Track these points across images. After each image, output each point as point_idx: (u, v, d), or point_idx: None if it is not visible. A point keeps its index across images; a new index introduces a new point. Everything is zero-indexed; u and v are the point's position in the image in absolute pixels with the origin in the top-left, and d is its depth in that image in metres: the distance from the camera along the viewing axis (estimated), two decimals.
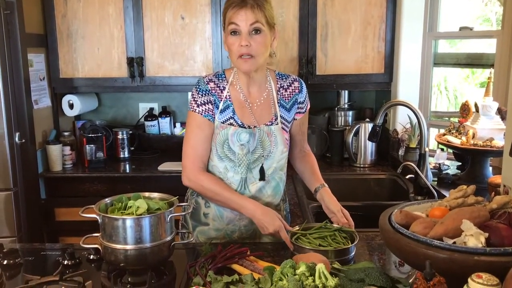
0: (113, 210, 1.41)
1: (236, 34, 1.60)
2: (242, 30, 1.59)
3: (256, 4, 1.58)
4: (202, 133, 1.70)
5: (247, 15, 1.57)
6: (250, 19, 1.58)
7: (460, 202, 1.32)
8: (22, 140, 2.59)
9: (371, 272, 1.23)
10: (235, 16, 1.59)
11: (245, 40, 1.59)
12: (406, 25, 2.92)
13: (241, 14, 1.58)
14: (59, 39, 2.97)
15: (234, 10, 1.59)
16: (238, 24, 1.59)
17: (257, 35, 1.60)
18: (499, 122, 2.21)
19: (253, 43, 1.60)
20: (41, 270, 1.48)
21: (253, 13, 1.58)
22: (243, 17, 1.58)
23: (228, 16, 1.61)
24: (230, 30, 1.61)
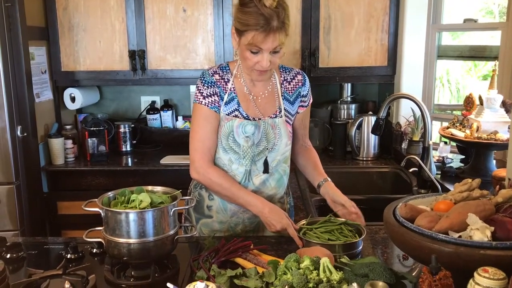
0: (116, 204, 1.40)
1: (256, 53, 1.57)
2: (264, 52, 1.55)
3: (280, 26, 1.52)
4: (209, 125, 1.69)
5: (273, 42, 1.52)
6: (274, 44, 1.54)
7: (465, 195, 1.31)
8: (24, 134, 2.58)
9: (375, 267, 1.23)
10: (260, 43, 1.52)
11: (267, 62, 1.56)
12: (410, 17, 2.89)
13: (268, 41, 1.52)
14: (61, 32, 2.95)
15: (261, 36, 1.51)
16: (261, 48, 1.54)
17: (276, 53, 1.58)
18: (503, 115, 2.19)
19: (272, 60, 1.58)
20: (44, 264, 1.47)
21: (278, 38, 1.52)
22: (269, 44, 1.53)
23: (252, 38, 1.52)
24: (249, 48, 1.56)
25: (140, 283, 1.35)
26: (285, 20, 1.54)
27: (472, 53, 2.96)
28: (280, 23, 1.52)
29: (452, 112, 3.54)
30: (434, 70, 2.99)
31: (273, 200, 1.79)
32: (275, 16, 1.50)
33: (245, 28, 1.54)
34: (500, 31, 2.55)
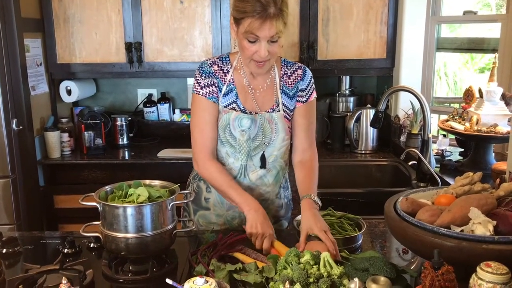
0: (113, 198, 1.39)
1: (254, 42, 1.53)
2: (262, 40, 1.52)
3: (277, 13, 1.48)
4: (209, 116, 1.67)
5: (270, 29, 1.49)
6: (271, 32, 1.50)
7: (466, 189, 1.30)
8: (20, 127, 2.56)
9: (376, 261, 1.22)
10: (256, 29, 1.49)
11: (265, 51, 1.52)
12: (409, 9, 2.87)
13: (264, 28, 1.49)
14: (56, 24, 2.91)
15: (257, 23, 1.48)
16: (258, 36, 1.51)
17: (274, 43, 1.54)
18: (503, 108, 2.18)
19: (270, 50, 1.54)
20: (41, 258, 1.46)
21: (275, 26, 1.49)
22: (266, 31, 1.49)
23: (248, 25, 1.49)
24: (247, 37, 1.52)
25: (138, 278, 1.34)
26: (282, 7, 1.50)
27: (470, 46, 2.94)
28: (278, 10, 1.48)
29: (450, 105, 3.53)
30: (433, 62, 2.97)
31: (270, 196, 1.78)
32: (272, 2, 1.48)
33: (242, 16, 1.51)
34: (500, 23, 2.53)
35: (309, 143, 1.76)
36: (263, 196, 1.76)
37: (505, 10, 2.59)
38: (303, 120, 1.73)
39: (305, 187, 1.66)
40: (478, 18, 2.84)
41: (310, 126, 1.76)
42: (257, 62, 1.57)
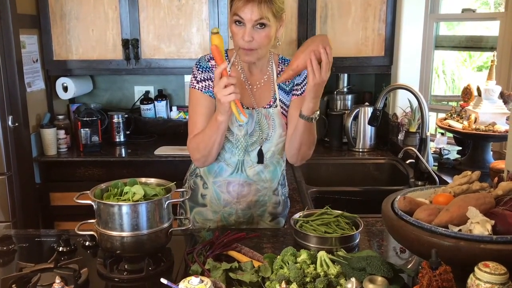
0: (108, 196, 1.37)
1: (240, 25, 1.54)
2: (246, 23, 1.52)
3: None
4: (203, 109, 1.67)
5: (253, 11, 1.50)
6: (255, 15, 1.50)
7: (464, 188, 1.29)
8: (16, 124, 2.54)
9: (373, 261, 1.21)
10: (240, 10, 1.51)
11: (248, 35, 1.52)
12: (407, 7, 2.86)
13: (247, 8, 1.50)
14: (52, 20, 2.89)
15: (241, 3, 1.50)
16: (242, 18, 1.52)
17: (261, 29, 1.54)
18: (501, 106, 2.17)
19: (256, 36, 1.53)
20: (35, 257, 1.45)
21: (259, 9, 1.49)
22: (248, 13, 1.50)
23: (234, 6, 1.53)
24: (234, 20, 1.54)
25: (133, 277, 1.32)
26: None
27: (468, 44, 2.93)
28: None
29: (448, 103, 3.52)
30: (431, 60, 2.96)
31: (267, 192, 1.77)
32: None
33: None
34: (498, 21, 2.52)
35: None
36: (260, 192, 1.76)
37: (503, 8, 2.59)
38: (296, 112, 1.71)
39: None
40: (477, 16, 2.83)
41: None
42: (244, 50, 1.56)
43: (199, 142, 1.64)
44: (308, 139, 1.67)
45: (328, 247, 1.42)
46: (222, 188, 1.74)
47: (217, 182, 1.74)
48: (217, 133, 1.58)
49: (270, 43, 1.59)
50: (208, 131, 1.60)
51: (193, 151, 1.69)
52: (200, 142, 1.63)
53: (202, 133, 1.63)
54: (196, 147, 1.66)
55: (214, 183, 1.75)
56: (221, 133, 1.59)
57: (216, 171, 1.73)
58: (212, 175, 1.75)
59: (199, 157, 1.68)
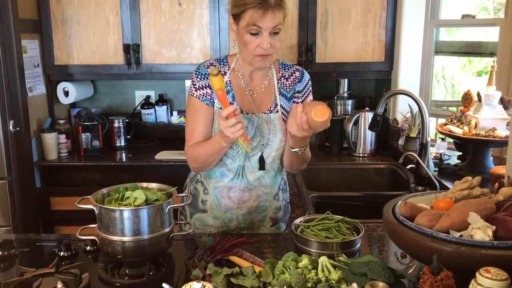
0: (110, 201, 1.37)
1: (256, 35, 1.55)
2: (264, 32, 1.53)
3: (277, 4, 1.51)
4: (200, 117, 1.68)
5: (272, 19, 1.51)
6: (274, 23, 1.52)
7: (465, 194, 1.29)
8: (17, 128, 2.54)
9: (374, 266, 1.21)
10: (260, 20, 1.51)
11: (267, 42, 1.54)
12: (408, 13, 2.87)
13: (266, 18, 1.51)
14: (54, 25, 2.90)
15: (259, 13, 1.50)
16: (261, 27, 1.52)
17: (276, 35, 1.56)
18: (502, 112, 2.18)
19: (272, 42, 1.55)
20: (36, 261, 1.44)
21: (276, 16, 1.52)
22: (269, 21, 1.51)
23: (250, 17, 1.52)
24: (249, 30, 1.54)
25: (134, 282, 1.32)
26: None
27: (468, 49, 2.94)
28: (278, 0, 1.52)
29: (448, 108, 3.53)
30: (431, 66, 2.97)
31: (268, 197, 1.77)
32: None
33: (243, 9, 1.53)
34: (498, 27, 2.53)
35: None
36: (261, 197, 1.76)
37: (502, 13, 2.60)
38: None
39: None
40: (477, 22, 2.84)
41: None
42: (261, 56, 1.58)
43: (199, 156, 1.66)
44: (301, 159, 1.72)
45: (329, 252, 1.42)
46: (223, 194, 1.74)
47: (217, 188, 1.75)
48: (218, 154, 1.64)
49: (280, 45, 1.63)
50: (209, 149, 1.62)
51: (191, 161, 1.70)
52: (200, 155, 1.65)
53: (203, 148, 1.64)
54: (195, 158, 1.68)
55: (214, 188, 1.75)
56: (222, 154, 1.65)
57: (217, 176, 1.74)
58: (213, 180, 1.75)
59: (196, 166, 1.71)
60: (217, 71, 1.47)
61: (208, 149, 1.63)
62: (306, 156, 1.71)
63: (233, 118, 1.46)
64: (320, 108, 1.42)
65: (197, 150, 1.66)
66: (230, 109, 1.46)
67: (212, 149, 1.62)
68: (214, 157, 1.64)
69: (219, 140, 1.57)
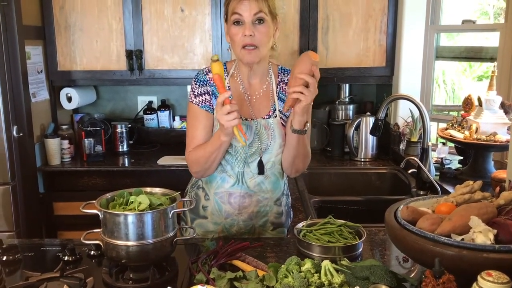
0: (114, 206, 1.39)
1: (239, 24, 1.59)
2: (246, 20, 1.57)
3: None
4: (199, 124, 1.69)
5: (251, 5, 1.56)
6: (253, 9, 1.56)
7: (467, 198, 1.30)
8: (20, 134, 2.56)
9: (376, 270, 1.21)
10: (238, 6, 1.57)
11: (249, 29, 1.57)
12: (408, 18, 2.89)
13: (245, 4, 1.56)
14: (57, 31, 2.93)
15: (238, 0, 1.57)
16: (241, 14, 1.57)
17: (260, 25, 1.59)
18: (502, 117, 2.19)
19: (256, 33, 1.58)
20: (41, 266, 1.45)
21: (257, 3, 1.56)
22: (247, 7, 1.56)
23: (231, 7, 1.59)
24: (233, 20, 1.59)
25: (138, 286, 1.33)
26: None
27: (469, 54, 2.96)
28: None
29: (449, 113, 3.54)
30: (432, 71, 2.99)
31: (268, 202, 1.78)
32: None
33: (227, 2, 1.60)
34: (498, 32, 2.54)
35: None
36: (261, 202, 1.76)
37: (503, 18, 2.61)
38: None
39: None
40: (477, 27, 2.86)
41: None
42: (246, 49, 1.59)
43: (200, 157, 1.67)
44: (302, 152, 1.70)
45: (332, 256, 1.43)
46: (224, 199, 1.75)
47: (218, 193, 1.75)
48: (218, 151, 1.63)
49: (269, 43, 1.63)
50: (209, 148, 1.63)
51: (192, 164, 1.71)
52: (201, 157, 1.66)
53: (203, 148, 1.65)
54: (196, 161, 1.68)
55: (215, 194, 1.76)
56: (222, 150, 1.64)
57: (217, 182, 1.75)
58: (213, 186, 1.75)
59: (198, 170, 1.71)
60: (217, 57, 1.52)
61: (209, 148, 1.64)
62: (306, 148, 1.70)
63: (228, 105, 1.48)
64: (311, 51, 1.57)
65: (197, 152, 1.67)
66: (226, 95, 1.49)
67: (212, 147, 1.62)
68: (215, 155, 1.64)
69: (218, 134, 1.58)
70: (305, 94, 1.51)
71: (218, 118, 1.52)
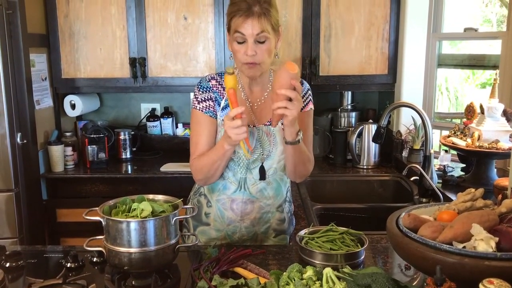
0: (117, 213, 1.39)
1: (242, 43, 1.58)
2: (248, 39, 1.56)
3: (262, 13, 1.54)
4: (203, 130, 1.70)
5: (254, 25, 1.54)
6: (256, 29, 1.54)
7: (468, 205, 1.30)
8: (24, 141, 2.58)
9: (378, 277, 1.21)
10: (241, 26, 1.55)
11: (251, 49, 1.56)
12: (410, 26, 2.90)
13: (248, 24, 1.54)
14: (61, 39, 2.95)
15: (241, 20, 1.54)
16: (244, 34, 1.56)
17: (262, 44, 1.58)
18: (504, 124, 2.19)
19: (258, 51, 1.57)
20: (44, 272, 1.46)
21: (259, 23, 1.54)
22: (249, 27, 1.54)
23: (234, 24, 1.57)
24: (235, 38, 1.58)
25: None
26: (268, 8, 1.56)
27: (471, 62, 2.97)
28: (262, 9, 1.54)
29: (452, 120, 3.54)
30: (434, 78, 2.99)
31: (270, 209, 1.78)
32: (257, 2, 1.54)
33: (230, 17, 1.58)
34: (500, 40, 2.55)
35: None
36: (263, 209, 1.76)
37: (505, 26, 2.62)
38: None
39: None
40: (479, 35, 2.87)
41: (304, 135, 1.75)
42: (247, 64, 1.60)
43: (203, 165, 1.67)
44: (302, 159, 1.69)
45: (334, 264, 1.43)
46: (226, 206, 1.76)
47: (220, 200, 1.76)
48: (222, 159, 1.64)
49: (271, 57, 1.63)
50: (213, 156, 1.64)
51: (196, 172, 1.71)
52: (204, 165, 1.67)
53: (207, 156, 1.66)
54: (200, 168, 1.69)
55: (217, 200, 1.76)
56: (226, 158, 1.65)
57: (219, 189, 1.75)
58: (215, 193, 1.76)
59: (201, 177, 1.71)
60: (232, 70, 1.51)
61: (212, 156, 1.64)
62: (305, 154, 1.69)
63: (239, 119, 1.49)
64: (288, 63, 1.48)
65: (201, 160, 1.67)
66: (239, 110, 1.49)
67: (215, 155, 1.63)
68: (218, 163, 1.65)
69: (222, 143, 1.59)
70: (289, 108, 1.48)
71: (227, 130, 1.52)
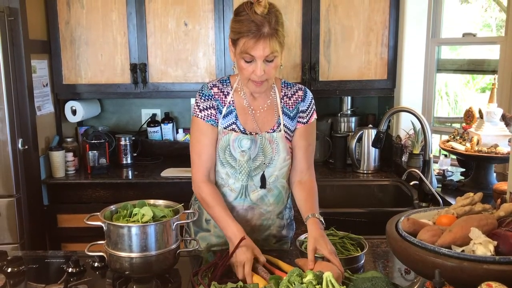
0: (118, 218, 1.40)
1: (250, 62, 1.55)
2: (258, 60, 1.53)
3: (271, 33, 1.50)
4: (206, 139, 1.69)
5: (264, 48, 1.50)
6: (266, 52, 1.51)
7: (467, 209, 1.31)
8: (25, 147, 2.59)
9: (378, 282, 1.22)
10: (251, 49, 1.51)
11: (260, 70, 1.54)
12: (409, 31, 2.92)
13: (258, 47, 1.50)
14: (63, 46, 2.97)
15: (251, 43, 1.50)
16: (253, 55, 1.53)
17: (271, 62, 1.56)
18: (503, 129, 2.20)
19: (267, 70, 1.55)
20: (45, 278, 1.47)
21: (270, 45, 1.50)
22: (260, 50, 1.51)
23: (244, 46, 1.52)
24: (243, 57, 1.55)
25: None
26: (277, 27, 1.52)
27: (470, 67, 2.98)
28: (272, 30, 1.51)
29: (452, 125, 3.55)
30: (433, 83, 3.01)
31: (271, 216, 1.78)
32: (266, 22, 1.50)
33: (238, 36, 1.53)
34: (499, 45, 2.57)
35: (308, 165, 1.77)
36: (264, 215, 1.76)
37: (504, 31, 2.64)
38: (302, 142, 1.75)
39: (309, 207, 1.65)
40: (477, 40, 2.88)
41: (309, 148, 1.77)
42: (255, 82, 1.59)
43: (205, 206, 1.68)
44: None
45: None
46: None
47: None
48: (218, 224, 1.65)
49: (277, 70, 1.62)
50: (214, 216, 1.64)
51: (198, 198, 1.72)
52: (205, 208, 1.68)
53: (211, 209, 1.64)
54: (202, 202, 1.69)
55: None
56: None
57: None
58: None
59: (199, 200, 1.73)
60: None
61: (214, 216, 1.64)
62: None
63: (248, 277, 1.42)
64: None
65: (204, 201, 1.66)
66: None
67: (216, 219, 1.63)
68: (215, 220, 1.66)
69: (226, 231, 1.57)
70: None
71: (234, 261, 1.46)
